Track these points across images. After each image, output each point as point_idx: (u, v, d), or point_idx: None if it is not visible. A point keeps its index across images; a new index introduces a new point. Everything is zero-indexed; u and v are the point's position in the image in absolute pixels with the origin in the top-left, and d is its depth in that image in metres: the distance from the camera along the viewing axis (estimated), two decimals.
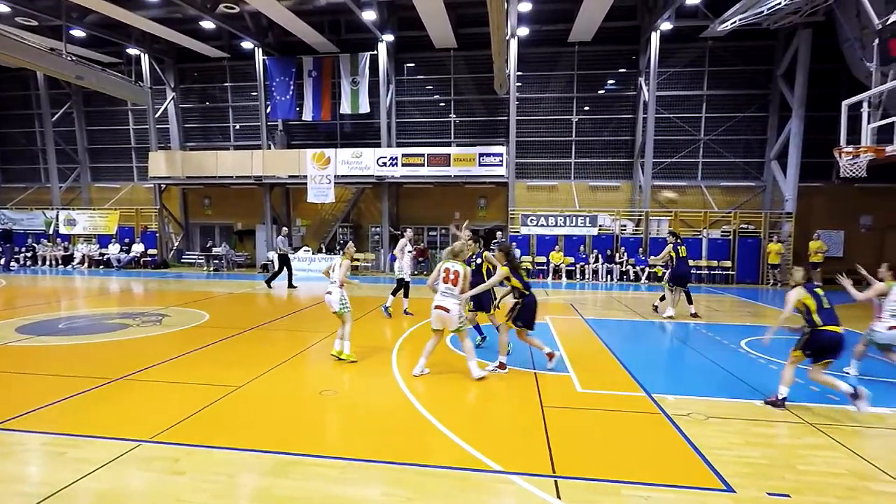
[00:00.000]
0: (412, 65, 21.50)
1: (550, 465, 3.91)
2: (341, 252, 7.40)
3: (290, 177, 20.28)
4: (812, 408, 5.34)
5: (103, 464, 3.83)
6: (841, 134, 9.75)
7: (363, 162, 19.58)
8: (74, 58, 17.37)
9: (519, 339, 6.57)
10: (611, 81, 20.47)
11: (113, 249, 21.67)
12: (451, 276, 5.96)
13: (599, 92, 20.53)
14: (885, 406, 5.43)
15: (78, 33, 19.96)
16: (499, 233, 19.04)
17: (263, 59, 20.51)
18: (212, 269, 20.79)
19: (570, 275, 18.68)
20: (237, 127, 23.11)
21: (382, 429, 4.65)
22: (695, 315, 10.62)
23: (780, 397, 5.36)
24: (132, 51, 21.10)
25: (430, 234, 21.65)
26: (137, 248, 21.82)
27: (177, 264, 22.35)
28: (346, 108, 20.72)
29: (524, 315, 6.38)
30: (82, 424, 4.58)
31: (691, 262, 18.08)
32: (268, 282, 15.16)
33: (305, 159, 19.80)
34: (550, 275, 18.64)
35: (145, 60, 21.33)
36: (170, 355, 7.00)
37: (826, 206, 18.86)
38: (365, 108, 20.51)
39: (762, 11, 14.11)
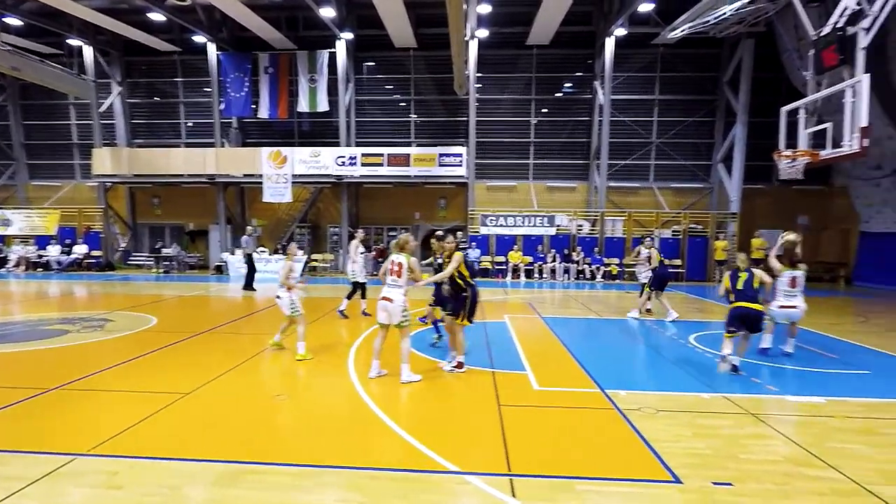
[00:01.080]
0: (372, 64, 21.31)
1: (506, 464, 3.93)
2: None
3: (246, 176, 19.75)
4: (755, 399, 5.59)
5: (33, 481, 3.58)
6: (780, 138, 10.30)
7: (321, 161, 19.27)
8: (10, 48, 16.31)
9: (446, 329, 6.61)
10: (568, 85, 20.90)
11: (53, 251, 20.46)
12: (395, 268, 5.94)
13: (557, 95, 20.94)
14: (819, 395, 5.74)
15: (13, 21, 18.77)
16: (458, 233, 19.10)
17: (217, 55, 19.85)
18: (162, 270, 19.97)
19: (528, 274, 18.96)
20: (189, 124, 22.29)
21: (337, 433, 4.55)
22: (648, 311, 10.99)
23: (722, 354, 6.40)
24: (74, 42, 20.01)
25: (391, 234, 21.51)
26: (80, 249, 20.69)
27: (123, 266, 21.33)
28: (303, 106, 20.33)
29: (472, 309, 6.44)
30: (11, 439, 4.28)
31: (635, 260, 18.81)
32: (247, 286, 14.66)
33: (261, 158, 19.31)
34: (509, 274, 18.86)
35: (88, 52, 20.27)
36: (112, 362, 6.64)
37: (767, 207, 19.90)
38: (324, 106, 20.19)
39: (709, 20, 14.74)
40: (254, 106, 20.70)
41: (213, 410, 5.06)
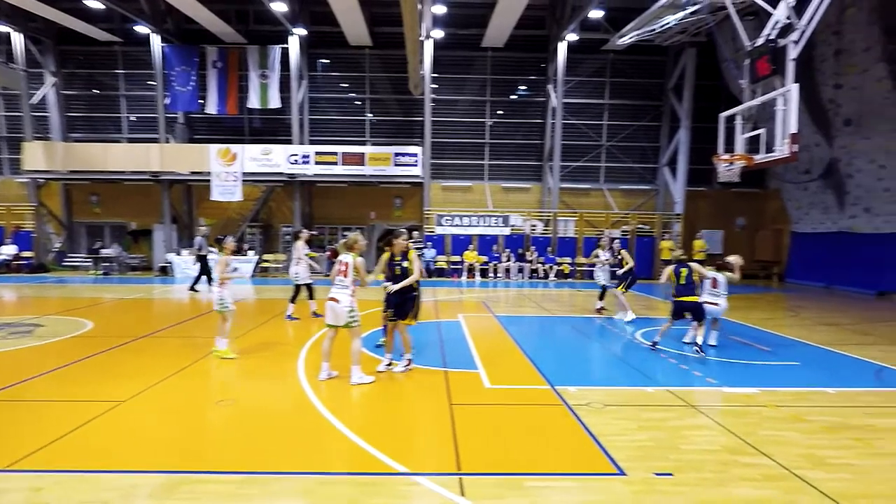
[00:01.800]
0: (326, 61, 20.96)
1: (456, 463, 3.93)
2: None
3: (193, 173, 18.97)
4: (695, 391, 5.84)
5: None
6: (719, 143, 10.84)
7: (273, 159, 18.77)
8: None
9: (389, 331, 6.50)
10: (522, 87, 21.24)
11: None
12: (342, 268, 5.86)
13: (511, 97, 21.23)
14: (753, 386, 6.06)
15: None
16: (415, 232, 19.05)
17: (162, 47, 18.98)
18: (100, 272, 18.90)
19: (483, 273, 19.14)
20: (132, 118, 21.21)
21: (284, 438, 4.43)
22: (603, 309, 11.21)
23: (653, 341, 7.59)
24: (2, 28, 18.63)
25: (345, 234, 21.15)
26: (8, 250, 19.29)
27: (58, 268, 20.03)
28: (254, 102, 19.77)
29: (418, 308, 6.46)
30: None
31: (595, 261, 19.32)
32: (209, 283, 14.05)
33: (209, 155, 18.61)
34: (465, 273, 18.98)
35: (18, 39, 18.94)
36: (40, 370, 6.21)
37: (708, 209, 20.90)
38: (275, 102, 19.69)
39: (655, 29, 15.33)
40: (201, 101, 19.95)
41: (151, 418, 4.82)
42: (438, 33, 19.16)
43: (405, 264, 6.30)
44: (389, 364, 6.44)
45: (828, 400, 5.67)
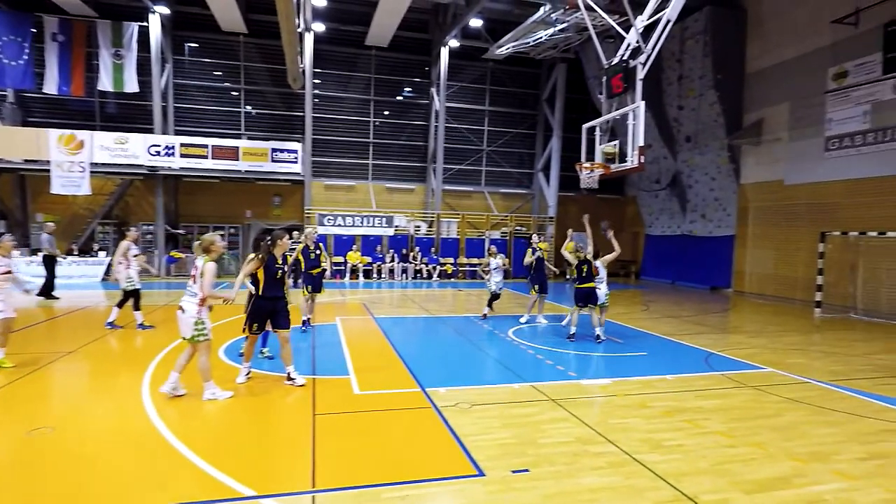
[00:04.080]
0: (195, 45, 19.22)
1: (311, 480, 3.70)
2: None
3: (27, 161, 16.31)
4: (557, 385, 6.17)
5: None
6: (582, 152, 11.76)
7: (130, 149, 16.77)
8: None
9: (253, 339, 5.95)
10: (407, 89, 21.27)
11: None
12: (194, 272, 5.26)
13: (397, 98, 21.17)
14: (607, 377, 6.58)
15: None
16: (295, 232, 18.20)
17: None
18: None
19: (367, 274, 18.85)
20: None
21: (112, 469, 3.85)
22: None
23: (571, 332, 8.61)
24: None
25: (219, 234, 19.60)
26: None
27: None
28: (106, 84, 17.48)
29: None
30: None
31: (476, 261, 19.92)
32: (46, 294, 12.15)
33: (48, 141, 16.12)
34: (348, 274, 18.55)
35: None
36: None
37: (578, 212, 22.48)
38: (132, 86, 17.59)
39: (529, 42, 16.24)
40: (38, 79, 17.21)
41: None
42: (319, 27, 18.50)
43: (286, 267, 5.96)
44: (248, 374, 5.97)
45: (667, 386, 6.30)
